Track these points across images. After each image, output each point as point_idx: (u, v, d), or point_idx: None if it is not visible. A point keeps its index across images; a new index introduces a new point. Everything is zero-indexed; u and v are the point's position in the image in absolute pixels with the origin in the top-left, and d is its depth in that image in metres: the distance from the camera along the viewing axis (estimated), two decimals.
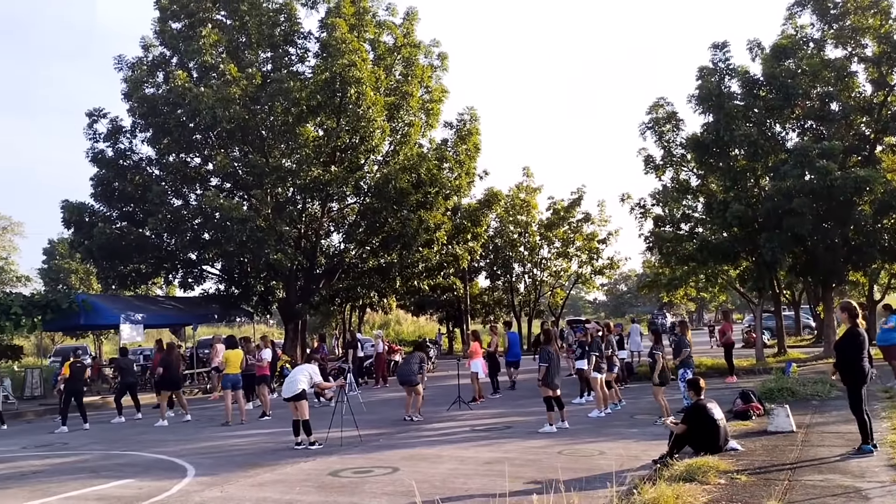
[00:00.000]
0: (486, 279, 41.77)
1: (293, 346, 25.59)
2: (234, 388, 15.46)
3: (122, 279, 26.05)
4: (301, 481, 9.04)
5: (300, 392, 11.57)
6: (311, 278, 26.06)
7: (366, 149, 24.68)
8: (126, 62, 24.76)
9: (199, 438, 13.42)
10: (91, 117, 24.87)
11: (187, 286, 27.07)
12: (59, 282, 42.31)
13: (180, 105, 22.72)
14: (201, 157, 25.53)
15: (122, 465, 10.92)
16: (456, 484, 8.51)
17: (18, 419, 18.51)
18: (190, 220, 24.20)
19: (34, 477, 10.19)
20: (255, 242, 22.65)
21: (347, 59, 22.60)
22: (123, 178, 24.59)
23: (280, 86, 22.69)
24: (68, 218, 24.60)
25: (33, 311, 21.62)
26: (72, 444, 13.55)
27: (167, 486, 9.11)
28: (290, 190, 25.18)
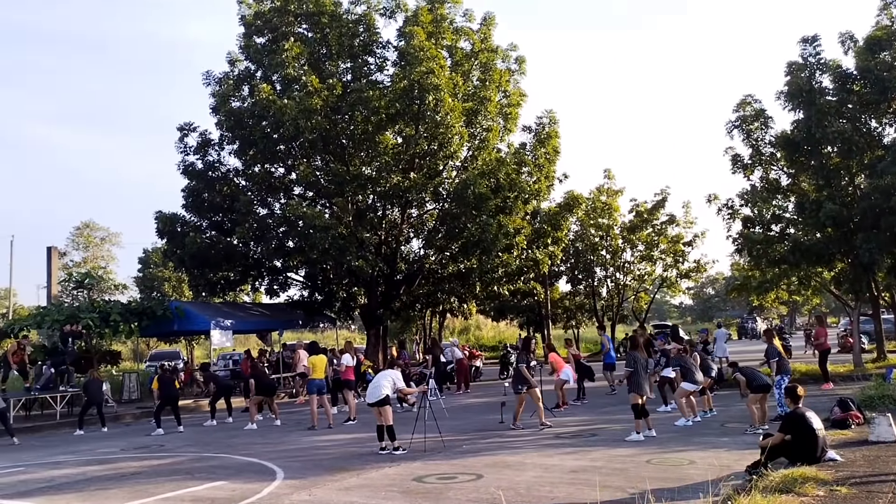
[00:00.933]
0: (567, 284, 41.27)
1: (375, 352, 25.90)
2: (320, 392, 15.74)
3: (211, 286, 26.97)
4: (386, 486, 9.10)
5: (384, 397, 11.66)
6: (392, 284, 26.33)
7: (444, 155, 24.78)
8: (213, 77, 25.62)
9: (287, 442, 13.71)
10: (182, 131, 25.87)
11: (273, 293, 27.79)
12: (154, 289, 44.05)
13: (265, 117, 23.35)
14: (285, 167, 26.17)
15: (215, 467, 11.25)
16: (541, 492, 8.40)
17: (117, 422, 19.34)
18: (275, 229, 24.81)
19: (133, 478, 10.61)
20: (337, 249, 23.04)
21: (425, 66, 22.76)
22: (212, 189, 25.44)
23: (360, 95, 23.04)
24: (162, 228, 25.62)
25: (130, 318, 22.60)
26: (167, 446, 14.06)
27: (258, 488, 9.33)
28: (371, 197, 25.52)
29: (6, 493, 9.75)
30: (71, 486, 10.09)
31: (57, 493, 9.60)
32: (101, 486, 10.06)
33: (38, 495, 9.53)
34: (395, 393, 12.11)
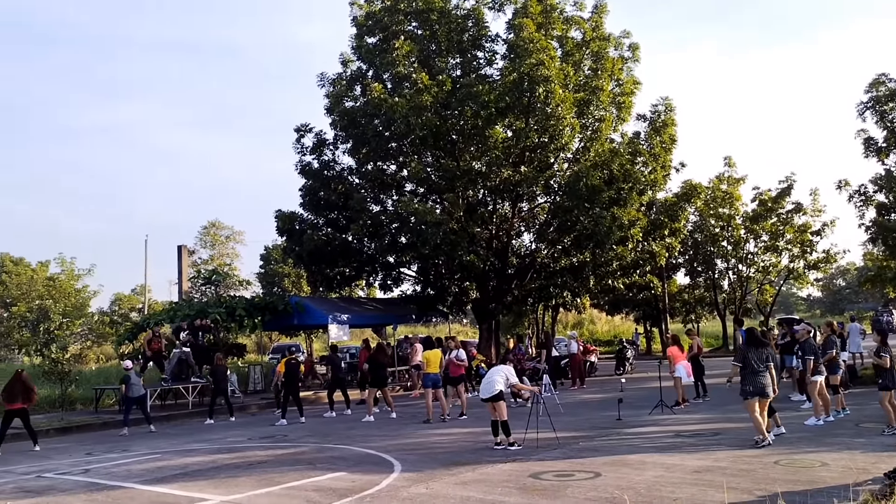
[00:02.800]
0: (686, 276, 39.99)
1: (487, 346, 25.92)
2: (435, 386, 15.88)
3: (328, 282, 27.80)
4: (502, 482, 9.06)
5: (498, 393, 11.62)
6: (504, 278, 26.25)
7: (555, 147, 24.46)
8: (327, 79, 26.30)
9: (403, 435, 13.91)
10: (299, 132, 26.72)
11: (387, 288, 28.33)
12: (275, 285, 45.80)
13: (376, 116, 23.77)
14: (397, 165, 26.57)
15: (335, 458, 11.54)
16: (663, 492, 8.13)
17: (243, 412, 20.22)
18: (388, 225, 25.25)
19: (259, 467, 11.04)
20: (449, 245, 23.19)
21: (535, 58, 22.52)
22: (328, 188, 26.17)
23: (469, 90, 23.06)
24: (281, 226, 26.60)
25: (254, 313, 23.59)
26: (290, 436, 14.56)
27: (376, 480, 9.49)
28: (481, 192, 25.54)
29: (146, 479, 10.37)
30: (203, 474, 10.62)
31: (190, 480, 10.12)
32: (231, 473, 10.53)
33: (174, 482, 10.07)
34: (509, 388, 12.05)
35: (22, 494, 9.72)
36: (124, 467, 11.57)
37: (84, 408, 21.35)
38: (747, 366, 10.67)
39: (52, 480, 10.71)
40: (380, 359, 17.46)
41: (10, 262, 63.84)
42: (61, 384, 20.69)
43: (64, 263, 52.15)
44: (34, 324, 51.31)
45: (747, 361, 10.68)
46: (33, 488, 10.15)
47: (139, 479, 10.42)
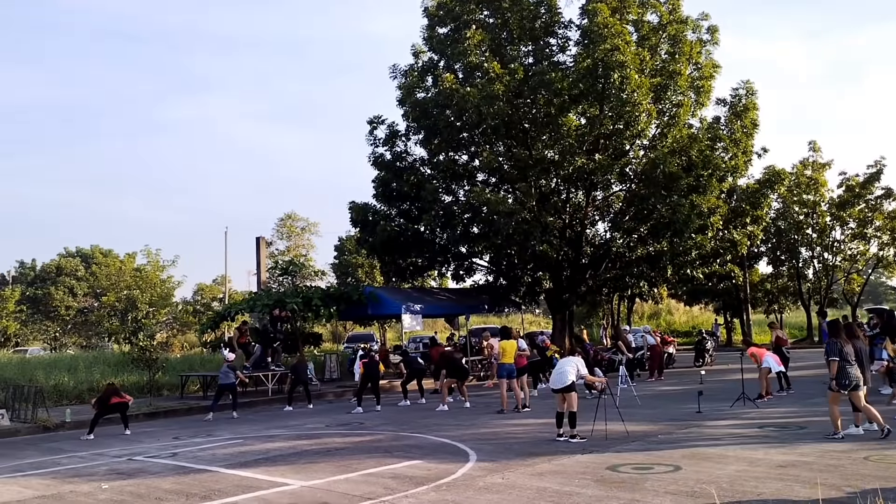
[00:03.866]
0: (768, 266, 38.71)
1: (561, 337, 25.69)
2: (510, 377, 15.84)
3: (401, 272, 28.05)
4: (579, 473, 8.97)
5: (570, 384, 11.51)
6: (577, 268, 25.94)
7: (631, 134, 23.98)
8: (399, 70, 26.44)
9: (478, 425, 13.92)
10: (371, 124, 26.96)
11: (459, 278, 28.39)
12: (348, 275, 46.49)
13: (448, 106, 23.77)
14: (468, 155, 26.53)
15: (411, 446, 11.65)
16: (746, 487, 7.90)
17: (321, 399, 20.62)
18: (460, 216, 25.26)
19: (338, 453, 11.24)
20: (521, 234, 23.05)
21: (609, 43, 22.12)
22: (400, 179, 26.35)
23: (542, 78, 22.82)
24: (355, 217, 26.96)
25: (329, 303, 23.99)
26: (367, 424, 14.77)
27: (452, 469, 9.53)
28: (554, 181, 25.27)
29: (230, 463, 10.70)
30: (284, 459, 10.88)
31: (272, 465, 10.38)
32: (311, 459, 10.75)
33: (256, 466, 10.35)
34: (580, 379, 11.92)
35: (115, 476, 10.15)
36: (209, 451, 11.96)
37: (170, 394, 22.16)
38: (842, 358, 10.41)
39: (143, 463, 11.16)
40: (453, 355, 17.53)
41: (100, 253, 66.85)
42: (149, 371, 21.52)
43: (150, 255, 54.23)
44: (123, 313, 53.60)
45: (843, 354, 10.41)
46: (125, 470, 10.60)
47: (223, 462, 10.75)
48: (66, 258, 68.85)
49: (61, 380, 21.32)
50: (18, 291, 64.93)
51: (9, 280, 69.65)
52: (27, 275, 69.18)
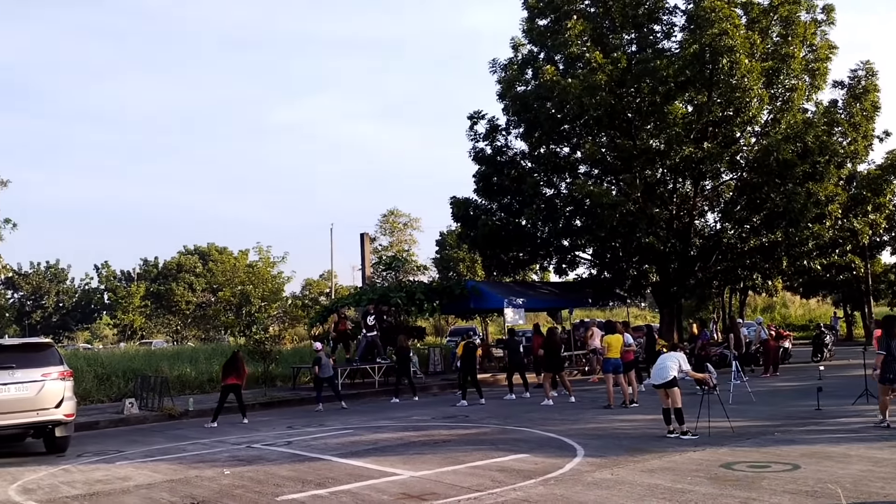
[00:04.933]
0: (893, 255, 36.43)
1: (669, 331, 25.04)
2: (616, 371, 15.60)
3: (502, 266, 28.02)
4: (692, 471, 8.75)
5: (671, 379, 11.24)
6: (686, 261, 25.19)
7: (741, 121, 23.06)
8: (499, 64, 26.38)
9: (584, 420, 13.79)
10: (471, 119, 27.01)
11: (561, 272, 28.11)
12: (450, 270, 46.84)
13: (549, 98, 23.54)
14: (570, 147, 26.20)
15: (517, 440, 11.66)
16: (872, 488, 7.51)
17: (425, 392, 20.93)
18: (562, 209, 25.00)
19: (444, 445, 11.40)
20: (626, 227, 22.61)
21: (717, 27, 21.35)
22: (501, 173, 26.30)
23: (646, 66, 22.28)
24: (456, 212, 27.12)
25: (432, 297, 24.28)
26: (471, 417, 14.89)
27: (560, 463, 9.49)
28: (660, 171, 24.59)
29: (341, 452, 11.04)
30: (393, 450, 11.13)
31: (382, 455, 10.64)
32: (419, 451, 10.95)
33: (367, 456, 10.63)
34: (682, 374, 11.62)
35: (236, 462, 10.67)
36: (321, 441, 12.37)
37: (283, 384, 23.05)
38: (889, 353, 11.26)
39: (260, 451, 11.67)
40: (552, 345, 17.38)
41: (216, 251, 70.11)
42: (264, 362, 22.44)
43: (261, 252, 56.31)
44: (237, 307, 56.00)
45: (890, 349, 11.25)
46: (245, 457, 11.12)
47: (335, 452, 11.10)
48: (186, 255, 72.59)
49: (183, 371, 22.54)
50: (143, 287, 69.04)
51: (134, 277, 74.10)
52: (150, 272, 73.39)
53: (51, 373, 12.11)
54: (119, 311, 68.23)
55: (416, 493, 8.21)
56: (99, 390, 20.36)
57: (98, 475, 10.23)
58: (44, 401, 11.89)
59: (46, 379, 12.01)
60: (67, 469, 10.89)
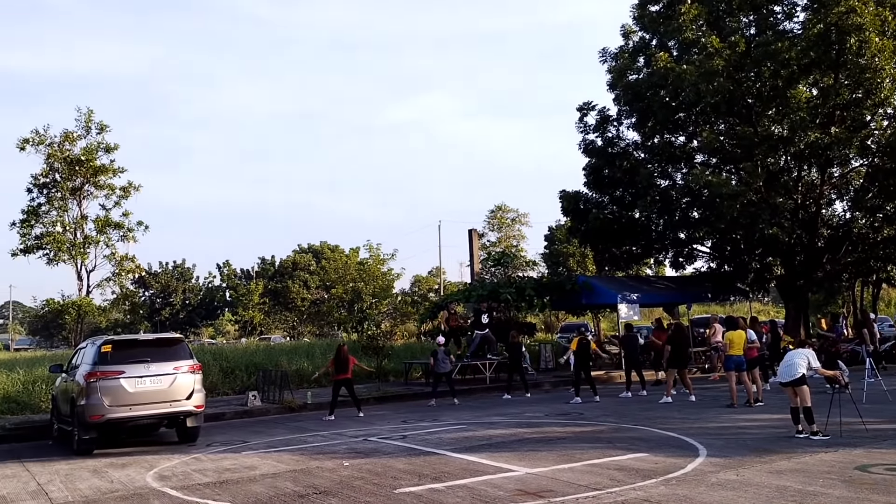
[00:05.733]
0: None
1: (795, 327, 23.80)
2: (739, 369, 14.95)
3: (615, 261, 27.44)
4: (823, 473, 8.26)
5: (800, 377, 10.63)
6: (812, 252, 23.87)
7: (872, 103, 21.59)
8: (609, 53, 25.83)
9: (705, 419, 13.29)
10: (581, 111, 26.55)
11: (678, 265, 27.26)
12: (559, 265, 46.35)
13: (663, 86, 22.85)
14: (686, 136, 25.35)
15: (634, 438, 11.36)
16: None
17: (537, 389, 20.74)
18: (677, 200, 24.23)
19: (559, 443, 11.24)
20: (748, 217, 21.65)
21: (844, 5, 20.07)
22: (612, 165, 25.74)
23: (766, 49, 21.25)
24: (566, 206, 26.74)
25: (542, 293, 24.08)
26: (586, 414, 14.62)
27: (681, 463, 9.17)
28: (783, 158, 23.42)
29: (456, 448, 11.08)
30: (507, 446, 11.07)
31: (496, 451, 10.59)
32: (533, 447, 10.85)
33: (481, 452, 10.62)
34: (811, 372, 10.96)
35: (354, 455, 10.91)
36: (436, 435, 12.47)
37: (395, 379, 23.44)
38: None
39: (377, 444, 11.89)
40: (680, 339, 16.80)
41: (328, 249, 72.28)
42: (377, 358, 22.87)
43: (371, 249, 57.54)
44: (349, 304, 57.47)
45: None
46: (362, 450, 11.35)
47: (450, 447, 11.16)
48: (300, 254, 75.23)
49: (301, 365, 23.27)
50: (261, 285, 72.08)
51: (253, 275, 77.47)
52: (268, 270, 76.55)
53: (182, 366, 12.75)
54: (240, 308, 71.56)
55: (533, 489, 8.12)
56: (224, 383, 21.33)
57: (226, 464, 10.70)
58: (176, 393, 12.55)
59: (178, 372, 12.66)
60: (198, 458, 11.45)
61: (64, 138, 23.89)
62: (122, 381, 12.18)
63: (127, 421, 12.40)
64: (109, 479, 9.95)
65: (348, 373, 16.08)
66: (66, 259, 23.63)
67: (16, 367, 20.77)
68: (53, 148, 23.74)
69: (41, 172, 23.94)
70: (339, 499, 8.10)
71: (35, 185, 24.06)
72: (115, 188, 24.45)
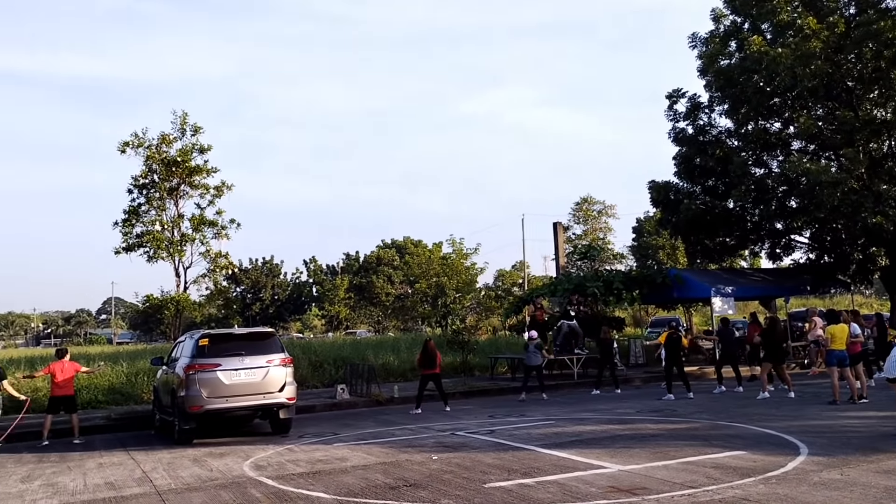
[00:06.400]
0: None
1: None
2: (841, 364, 14.25)
3: (707, 253, 26.57)
4: None
5: None
6: None
7: None
8: (699, 38, 25.00)
9: (806, 416, 12.73)
10: (670, 99, 25.79)
11: (775, 257, 26.19)
12: (648, 258, 45.31)
13: (756, 71, 21.96)
14: (781, 122, 24.30)
15: (731, 435, 10.97)
16: None
17: (627, 384, 20.35)
18: (774, 189, 23.24)
19: (652, 440, 10.95)
20: (849, 206, 20.58)
21: None
22: (704, 154, 24.92)
23: (868, 28, 20.13)
24: (655, 197, 26.04)
25: (631, 286, 23.54)
26: (679, 411, 14.23)
27: (781, 461, 8.80)
28: (887, 143, 22.19)
29: (545, 443, 10.95)
30: (598, 442, 10.86)
31: (587, 448, 10.41)
32: (625, 444, 10.61)
33: (571, 448, 10.45)
34: None
35: (442, 448, 10.93)
36: (524, 431, 12.36)
37: (481, 374, 23.42)
38: None
39: (464, 438, 11.88)
40: (775, 333, 16.14)
41: (411, 244, 72.99)
42: (462, 352, 22.92)
43: (454, 244, 57.62)
44: (433, 298, 57.83)
45: None
46: (450, 444, 11.37)
47: (539, 442, 11.04)
48: (384, 249, 76.24)
49: (387, 359, 23.58)
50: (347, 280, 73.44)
51: (338, 271, 79.03)
52: (352, 265, 77.93)
53: (274, 359, 13.07)
54: (326, 303, 73.13)
55: (626, 486, 7.93)
56: (313, 376, 21.81)
57: (318, 455, 10.91)
58: (269, 385, 12.87)
59: (270, 365, 12.98)
60: (291, 448, 11.72)
61: (161, 140, 24.87)
62: (218, 374, 12.58)
63: (224, 412, 12.80)
64: (209, 468, 10.30)
65: (436, 367, 16.15)
66: (165, 256, 24.61)
67: (119, 360, 21.82)
68: (151, 150, 24.74)
69: (141, 174, 24.99)
70: (429, 491, 8.12)
71: (135, 185, 25.15)
72: (209, 187, 25.32)
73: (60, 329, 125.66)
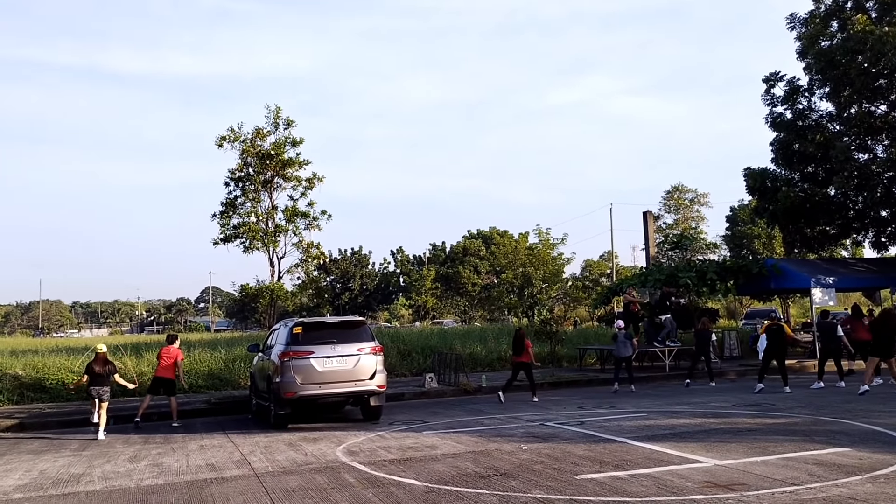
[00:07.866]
0: None
1: None
2: None
3: (807, 242, 25.53)
4: None
5: None
6: None
7: None
8: (798, 19, 23.94)
9: None
10: (768, 82, 24.80)
11: (880, 246, 24.91)
12: (742, 247, 43.82)
13: (860, 51, 20.90)
14: (887, 104, 23.00)
15: (834, 432, 10.52)
16: None
17: (721, 377, 19.78)
18: (879, 175, 22.10)
19: (749, 434, 10.61)
20: None
21: None
22: (803, 139, 23.90)
23: None
24: (751, 185, 25.12)
25: (726, 276, 22.86)
26: (778, 405, 13.73)
27: (890, 459, 8.40)
28: None
29: (637, 436, 10.77)
30: (692, 436, 10.61)
31: (681, 441, 10.18)
32: (720, 438, 10.32)
33: (664, 441, 10.25)
34: None
35: (532, 439, 10.91)
36: (615, 423, 12.19)
37: (569, 365, 23.22)
38: None
39: (554, 429, 11.81)
40: (888, 326, 15.30)
41: (497, 234, 72.81)
42: (550, 342, 22.78)
43: (541, 234, 57.13)
44: (520, 289, 57.57)
45: None
46: (539, 434, 11.32)
47: (630, 435, 10.87)
48: (470, 240, 76.39)
49: (474, 349, 23.66)
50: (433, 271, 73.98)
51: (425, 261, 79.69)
52: (439, 256, 78.42)
53: (364, 348, 13.32)
54: (413, 293, 73.88)
55: (723, 482, 7.72)
56: (402, 365, 22.11)
57: (409, 442, 11.07)
58: (360, 373, 13.14)
59: (361, 353, 13.24)
60: (382, 435, 11.94)
61: (255, 134, 25.58)
62: (311, 361, 12.92)
63: (317, 398, 13.14)
64: (304, 452, 10.61)
65: (525, 356, 16.10)
66: (259, 247, 25.33)
67: (217, 346, 22.69)
68: (247, 144, 25.49)
69: (237, 167, 25.79)
70: (520, 482, 8.11)
71: (232, 178, 25.97)
72: (301, 180, 25.86)
73: (162, 317, 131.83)
